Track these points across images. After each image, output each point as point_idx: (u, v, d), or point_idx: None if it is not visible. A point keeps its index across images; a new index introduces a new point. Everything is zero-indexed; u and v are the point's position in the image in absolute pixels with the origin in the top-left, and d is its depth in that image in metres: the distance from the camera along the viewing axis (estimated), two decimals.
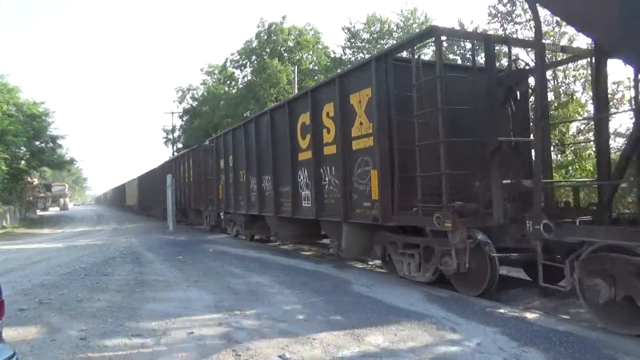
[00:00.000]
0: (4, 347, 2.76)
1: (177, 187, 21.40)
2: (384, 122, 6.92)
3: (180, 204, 21.81)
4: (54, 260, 10.76)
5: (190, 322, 5.12)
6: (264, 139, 11.30)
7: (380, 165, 6.94)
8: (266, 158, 11.17)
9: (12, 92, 27.89)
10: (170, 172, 22.94)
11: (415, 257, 6.81)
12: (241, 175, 13.06)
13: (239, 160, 13.25)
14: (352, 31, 26.67)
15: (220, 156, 15.11)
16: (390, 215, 6.81)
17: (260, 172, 11.61)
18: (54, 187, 54.74)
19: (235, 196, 13.63)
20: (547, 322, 4.76)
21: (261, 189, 11.58)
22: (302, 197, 9.43)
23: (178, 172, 22.59)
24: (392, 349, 4.13)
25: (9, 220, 26.91)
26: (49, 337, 4.72)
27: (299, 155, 9.52)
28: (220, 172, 15.27)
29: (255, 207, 12.01)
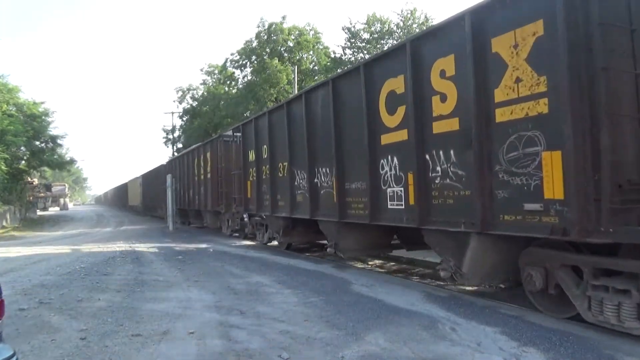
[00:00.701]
0: (4, 347, 2.76)
1: (189, 186, 19.90)
2: (574, 75, 4.24)
3: (192, 204, 19.82)
4: (54, 260, 10.76)
5: (190, 322, 5.12)
6: (319, 120, 8.75)
7: (572, 142, 4.21)
8: (323, 145, 8.59)
9: (12, 92, 27.91)
10: (180, 168, 21.62)
11: (633, 296, 4.07)
12: (280, 168, 10.48)
13: (277, 150, 10.64)
14: (352, 31, 26.70)
15: (250, 146, 12.32)
16: (594, 225, 4.12)
17: (312, 164, 8.98)
18: (54, 187, 54.78)
19: (271, 195, 10.93)
20: (547, 322, 4.75)
21: (313, 186, 8.98)
22: (386, 196, 6.83)
23: (190, 169, 20.14)
24: (392, 349, 4.12)
25: (9, 220, 26.92)
26: (49, 337, 4.72)
27: (382, 137, 6.91)
28: (249, 166, 12.56)
29: (303, 209, 9.42)
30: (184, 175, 21.22)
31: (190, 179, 19.93)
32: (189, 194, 20.20)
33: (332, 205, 8.28)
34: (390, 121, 6.76)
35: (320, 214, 8.89)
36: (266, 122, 11.20)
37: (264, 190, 11.56)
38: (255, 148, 11.93)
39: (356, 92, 7.50)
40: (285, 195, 10.25)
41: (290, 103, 10.17)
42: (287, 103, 10.27)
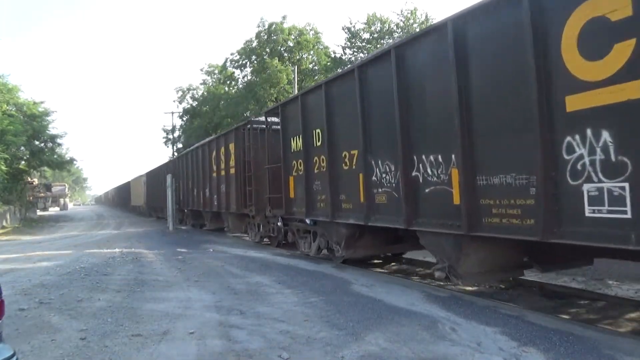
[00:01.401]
0: (4, 347, 2.76)
1: (205, 184, 17.22)
2: None
3: (209, 205, 16.85)
4: (54, 260, 10.76)
5: (190, 322, 5.12)
6: (421, 83, 6.10)
7: None
8: (430, 121, 5.99)
9: (11, 92, 27.93)
10: (193, 164, 19.14)
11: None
12: (345, 158, 7.94)
13: (340, 135, 8.11)
14: (352, 31, 26.73)
15: (294, 132, 9.71)
16: None
17: (407, 151, 6.30)
18: (54, 187, 54.87)
19: (330, 194, 8.27)
20: (547, 322, 4.75)
21: (410, 182, 6.28)
22: (581, 197, 4.21)
23: (206, 164, 17.23)
24: (392, 349, 4.12)
25: (9, 220, 26.93)
26: (49, 337, 4.72)
27: (572, 99, 4.29)
28: (291, 158, 9.93)
29: (390, 215, 6.84)
30: (198, 171, 18.35)
31: (205, 176, 17.17)
32: (205, 194, 17.28)
33: (449, 209, 5.61)
34: (592, 71, 4.11)
35: (426, 222, 6.10)
36: (321, 97, 8.41)
37: (316, 188, 8.98)
38: (302, 134, 9.24)
39: (506, 29, 4.84)
40: (353, 194, 7.72)
41: (365, 67, 7.31)
42: (359, 67, 7.41)
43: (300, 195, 9.60)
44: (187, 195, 20.36)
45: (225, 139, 15.02)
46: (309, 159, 9.22)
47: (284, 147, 10.29)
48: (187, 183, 20.22)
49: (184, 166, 21.19)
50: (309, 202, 9.23)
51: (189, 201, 20.28)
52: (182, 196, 21.46)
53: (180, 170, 21.65)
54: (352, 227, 8.08)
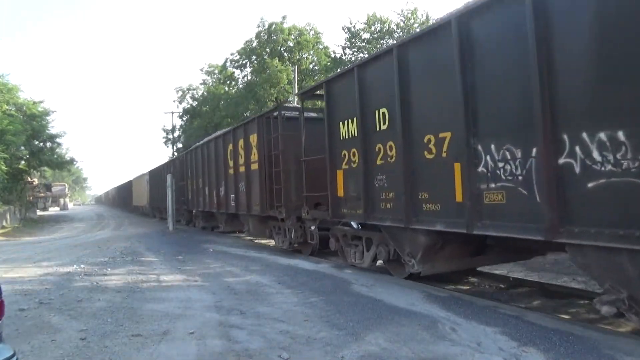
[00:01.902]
0: (4, 347, 2.76)
1: (219, 182, 15.25)
2: None
3: (224, 206, 14.85)
4: (54, 260, 10.76)
5: (190, 322, 5.12)
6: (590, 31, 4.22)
7: None
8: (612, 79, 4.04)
9: (11, 91, 27.95)
10: (203, 160, 17.11)
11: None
12: (430, 144, 5.98)
13: (421, 112, 6.20)
14: (352, 31, 26.73)
15: (346, 114, 7.77)
16: None
17: (553, 128, 4.46)
18: (54, 187, 54.92)
19: (404, 191, 6.37)
20: (547, 322, 4.75)
21: (556, 172, 4.46)
22: None
23: (219, 160, 15.19)
24: (392, 349, 4.12)
25: (9, 220, 26.94)
26: (49, 337, 4.72)
27: None
28: (339, 147, 8.10)
29: (511, 221, 4.96)
30: (210, 168, 16.26)
31: (220, 173, 15.14)
32: (219, 193, 15.28)
33: None
34: None
35: (587, 233, 4.19)
36: (391, 67, 6.47)
37: (379, 184, 7.05)
38: (359, 116, 7.34)
39: None
40: (442, 192, 5.80)
41: (469, 17, 5.30)
42: (459, 18, 5.37)
43: (354, 194, 7.73)
44: (197, 194, 18.33)
45: (245, 130, 12.73)
46: (369, 147, 7.23)
47: (330, 134, 8.32)
48: (197, 181, 18.20)
49: (192, 163, 19.09)
50: (369, 201, 7.27)
51: (199, 201, 18.17)
52: (190, 196, 19.65)
53: (189, 168, 19.74)
54: (435, 234, 6.16)
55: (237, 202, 13.64)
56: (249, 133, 12.53)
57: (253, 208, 12.44)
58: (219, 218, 16.50)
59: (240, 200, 13.37)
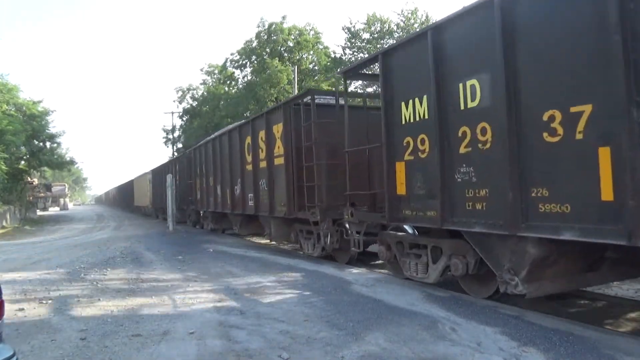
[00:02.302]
0: (4, 347, 2.76)
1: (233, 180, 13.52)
2: None
3: (240, 206, 13.04)
4: (54, 260, 10.76)
5: (190, 322, 5.12)
6: None
7: None
8: None
9: (11, 91, 27.96)
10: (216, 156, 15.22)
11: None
12: (554, 123, 4.46)
13: (536, 82, 4.65)
14: (352, 31, 26.75)
15: (412, 91, 6.36)
16: None
17: None
18: (54, 187, 54.93)
19: (512, 186, 4.83)
20: (547, 322, 4.75)
21: None
22: None
23: (236, 154, 13.19)
24: (392, 349, 4.12)
25: (9, 220, 26.95)
26: (49, 337, 4.72)
27: None
28: (403, 134, 6.57)
29: None
30: (223, 164, 14.46)
31: (235, 169, 13.40)
32: (234, 192, 13.50)
33: None
34: None
35: None
36: (492, 20, 4.94)
37: (462, 177, 5.56)
38: (433, 92, 5.85)
39: None
40: (575, 187, 4.33)
41: None
42: None
43: (421, 191, 6.27)
44: (207, 194, 16.52)
45: (267, 120, 10.97)
46: (448, 131, 5.73)
47: (387, 118, 6.79)
48: (207, 180, 16.40)
49: (202, 159, 17.29)
50: (446, 201, 5.79)
51: (209, 201, 16.44)
52: (199, 195, 17.92)
53: (197, 165, 18.03)
54: (549, 245, 4.79)
55: (256, 202, 11.83)
56: (272, 123, 10.79)
57: (277, 209, 10.77)
58: (233, 220, 14.61)
59: (260, 200, 11.67)
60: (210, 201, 16.17)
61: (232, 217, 14.55)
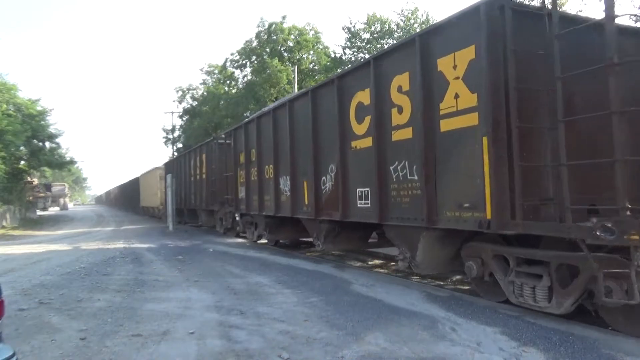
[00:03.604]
0: (4, 347, 2.76)
1: (332, 166, 8.30)
2: None
3: (345, 209, 7.88)
4: (54, 260, 10.76)
5: (190, 322, 5.12)
6: None
7: None
8: None
9: (10, 91, 27.95)
10: (284, 133, 10.05)
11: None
12: None
13: None
14: (352, 31, 26.74)
15: None
16: None
17: None
18: (54, 187, 54.86)
19: None
20: (547, 322, 4.75)
21: None
22: None
23: (324, 129, 8.68)
24: (392, 349, 4.12)
25: (9, 220, 26.94)
26: (49, 337, 4.72)
27: None
28: None
29: None
30: (296, 145, 9.74)
31: (322, 151, 8.77)
32: (318, 187, 8.87)
33: None
34: None
35: None
36: None
37: None
38: None
39: None
40: None
41: None
42: None
43: None
44: (260, 190, 11.63)
45: (425, 50, 5.93)
46: None
47: None
48: (261, 169, 11.51)
49: (250, 141, 12.35)
50: None
51: (262, 201, 11.51)
52: (243, 192, 12.95)
53: (240, 149, 13.14)
54: None
55: (380, 200, 6.89)
56: (434, 55, 5.78)
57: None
58: (312, 229, 9.49)
59: (388, 195, 6.77)
60: (266, 200, 11.30)
61: (310, 225, 9.59)
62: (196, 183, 19.18)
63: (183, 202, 21.30)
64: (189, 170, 20.35)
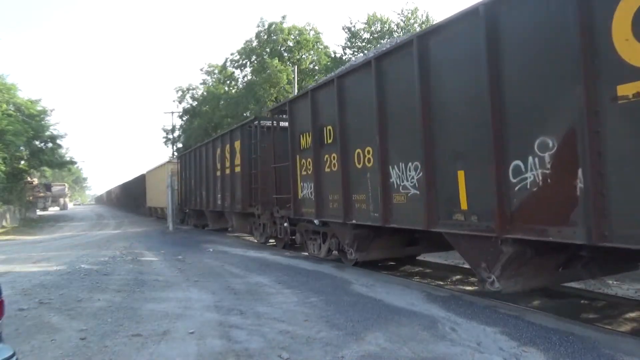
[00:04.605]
0: (3, 347, 2.76)
1: None
2: None
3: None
4: (53, 260, 10.76)
5: (190, 322, 5.12)
6: None
7: None
8: None
9: (10, 90, 27.96)
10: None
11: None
12: None
13: None
14: (352, 31, 26.74)
15: None
16: None
17: None
18: (54, 187, 54.89)
19: None
20: (547, 322, 4.75)
21: None
22: None
23: None
24: (392, 349, 4.12)
25: (9, 220, 26.94)
26: (49, 337, 4.72)
27: None
28: None
29: None
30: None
31: None
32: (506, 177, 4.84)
33: None
34: None
35: None
36: None
37: None
38: None
39: None
40: None
41: None
42: None
43: None
44: (329, 185, 8.44)
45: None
46: None
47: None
48: (342, 154, 7.89)
49: (318, 116, 8.76)
50: None
51: (339, 203, 8.03)
52: (310, 187, 9.08)
53: (300, 129, 9.47)
54: None
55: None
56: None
57: None
58: (489, 254, 5.28)
59: None
60: (357, 202, 7.58)
61: (474, 246, 5.60)
62: (224, 179, 14.78)
63: (203, 203, 17.30)
64: (212, 163, 16.09)
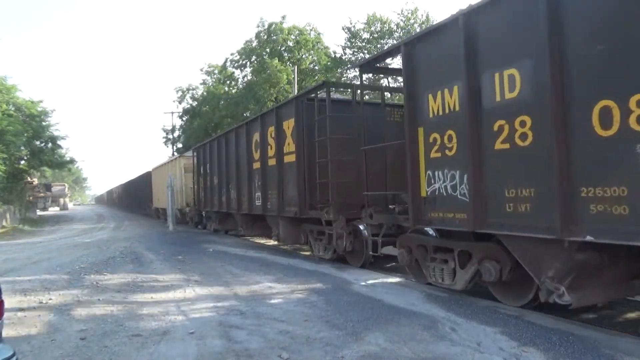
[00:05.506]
0: (4, 347, 2.76)
1: None
2: None
3: None
4: (54, 260, 10.76)
5: (190, 322, 5.12)
6: None
7: None
8: None
9: (10, 91, 27.97)
10: None
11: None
12: None
13: None
14: (352, 31, 26.76)
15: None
16: None
17: None
18: (54, 187, 54.84)
19: None
20: (547, 322, 4.75)
21: None
22: None
23: None
24: (392, 349, 4.12)
25: (9, 220, 26.94)
26: (49, 337, 4.72)
27: None
28: None
29: None
30: None
31: None
32: None
33: None
34: None
35: None
36: None
37: None
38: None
39: None
40: None
41: None
42: None
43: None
44: (525, 169, 4.73)
45: None
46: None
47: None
48: None
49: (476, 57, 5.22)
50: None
51: (531, 202, 4.63)
52: (437, 179, 5.82)
53: (431, 86, 5.86)
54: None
55: None
56: None
57: None
58: None
59: None
60: (585, 201, 4.17)
61: None
62: (265, 173, 11.34)
63: (232, 205, 13.92)
64: (246, 153, 12.52)
